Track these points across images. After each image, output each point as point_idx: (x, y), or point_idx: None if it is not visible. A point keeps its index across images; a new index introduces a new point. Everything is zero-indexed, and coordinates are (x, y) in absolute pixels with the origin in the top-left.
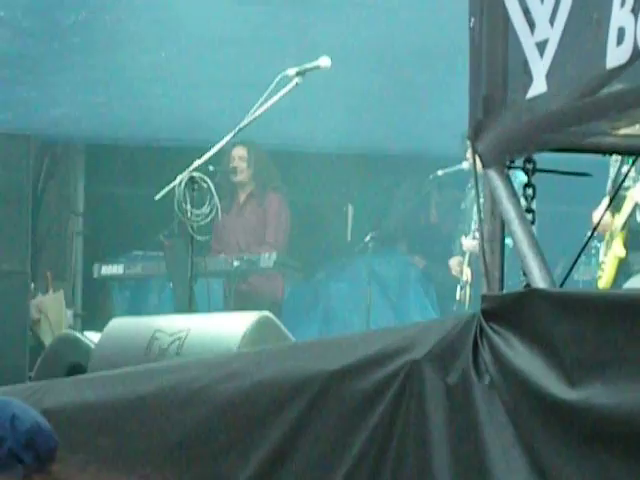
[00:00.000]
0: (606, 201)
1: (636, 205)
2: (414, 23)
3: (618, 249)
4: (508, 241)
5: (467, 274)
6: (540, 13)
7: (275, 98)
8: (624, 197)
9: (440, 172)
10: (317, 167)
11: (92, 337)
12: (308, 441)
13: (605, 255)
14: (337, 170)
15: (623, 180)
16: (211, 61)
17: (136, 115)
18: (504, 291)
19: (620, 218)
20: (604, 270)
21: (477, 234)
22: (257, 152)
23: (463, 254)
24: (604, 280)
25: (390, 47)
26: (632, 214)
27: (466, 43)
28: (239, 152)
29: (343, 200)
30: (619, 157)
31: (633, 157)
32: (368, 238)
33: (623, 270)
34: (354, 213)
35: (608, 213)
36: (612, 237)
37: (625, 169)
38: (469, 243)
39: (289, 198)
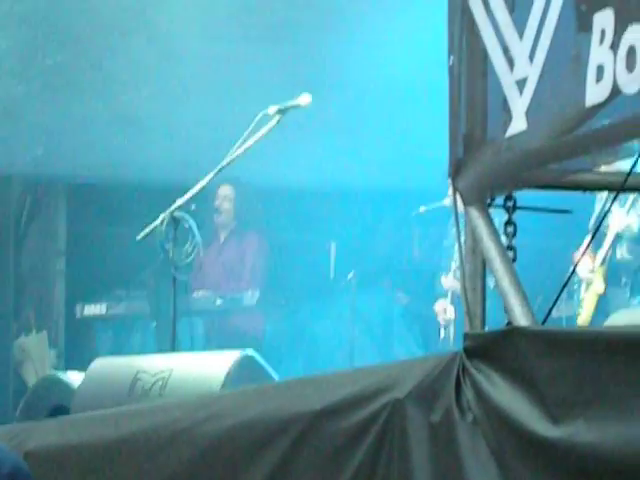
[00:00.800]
0: (588, 239)
1: (615, 239)
2: (395, 60)
3: (598, 285)
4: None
5: (450, 312)
6: (519, 51)
7: (257, 136)
8: (605, 234)
9: (422, 208)
10: (299, 204)
11: (75, 377)
12: None
13: (585, 292)
14: (319, 207)
15: (603, 217)
16: (191, 100)
17: (118, 154)
18: (486, 329)
19: (600, 253)
20: (583, 307)
21: (457, 272)
22: (243, 191)
23: (445, 294)
24: (583, 317)
25: (371, 83)
26: (611, 248)
27: (445, 81)
28: (225, 191)
29: (325, 237)
30: (604, 194)
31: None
32: (351, 275)
33: (602, 306)
34: (337, 250)
35: (589, 253)
36: (592, 277)
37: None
38: (449, 282)
39: (271, 235)
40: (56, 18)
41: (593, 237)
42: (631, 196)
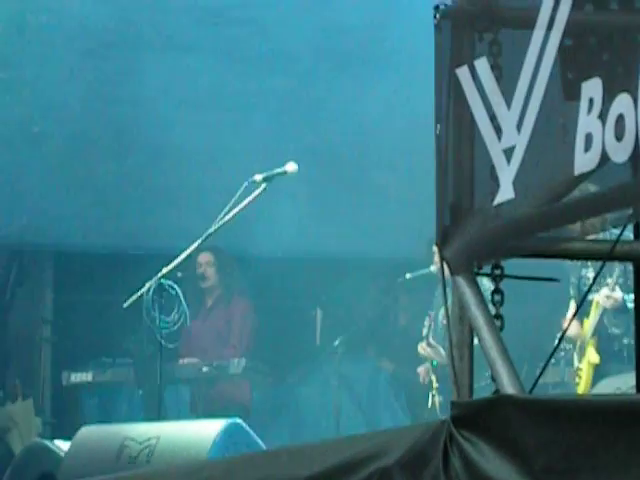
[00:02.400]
0: (573, 306)
1: (604, 311)
2: (380, 128)
3: (592, 356)
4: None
5: (434, 380)
6: (507, 119)
7: (243, 204)
8: (590, 301)
9: (408, 275)
10: (285, 271)
11: (62, 446)
12: None
13: (580, 362)
14: (305, 274)
15: (592, 284)
16: (177, 168)
17: (104, 223)
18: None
19: (589, 324)
20: (581, 377)
21: (431, 340)
22: (223, 257)
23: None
24: (582, 387)
25: (356, 152)
26: (600, 320)
27: (431, 146)
28: (205, 258)
29: (311, 304)
30: (578, 262)
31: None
32: (337, 342)
33: (599, 376)
34: (322, 317)
35: (575, 320)
36: (584, 343)
37: (585, 272)
38: (422, 350)
39: (257, 303)
40: (42, 86)
41: (580, 305)
42: (615, 271)
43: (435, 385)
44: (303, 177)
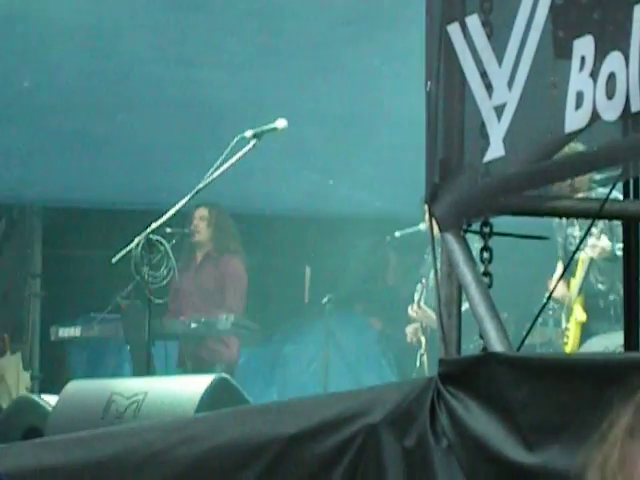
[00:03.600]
0: (560, 266)
1: (590, 266)
2: (374, 88)
3: (579, 314)
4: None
5: (420, 335)
6: (498, 77)
7: (232, 160)
8: (576, 260)
9: (397, 233)
10: (274, 229)
11: (49, 400)
12: None
13: (568, 322)
14: (294, 232)
15: (579, 245)
16: (167, 124)
17: (93, 178)
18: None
19: (575, 283)
20: (569, 337)
21: (422, 303)
22: (219, 214)
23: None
24: (570, 346)
25: (346, 108)
26: (586, 277)
27: (423, 107)
28: (200, 213)
29: (300, 262)
30: (563, 220)
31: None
32: (325, 300)
33: (586, 335)
34: (311, 275)
35: (563, 279)
36: (571, 303)
37: (571, 230)
38: (414, 312)
39: (246, 259)
40: (30, 40)
41: (568, 265)
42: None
43: (424, 345)
44: (293, 134)
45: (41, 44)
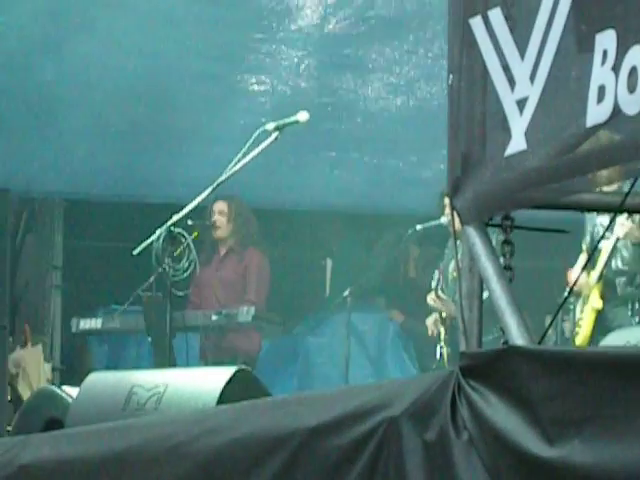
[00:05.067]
0: (583, 258)
1: (613, 251)
2: (397, 82)
3: (595, 301)
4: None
5: (442, 332)
6: (520, 70)
7: (254, 153)
8: (599, 251)
9: (419, 227)
10: (296, 222)
11: (70, 392)
12: None
13: (582, 312)
14: (316, 224)
15: (601, 238)
16: (189, 116)
17: (115, 170)
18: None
19: (595, 271)
20: (581, 326)
21: (439, 292)
22: (238, 207)
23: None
24: (582, 335)
25: (371, 105)
26: (607, 264)
27: (445, 98)
28: (219, 206)
29: (322, 254)
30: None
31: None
32: (347, 293)
33: (601, 326)
34: (333, 267)
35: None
36: (588, 292)
37: (601, 220)
38: (432, 300)
39: (267, 252)
40: (52, 29)
41: (590, 257)
42: None
43: (443, 337)
44: (314, 128)
45: (61, 33)
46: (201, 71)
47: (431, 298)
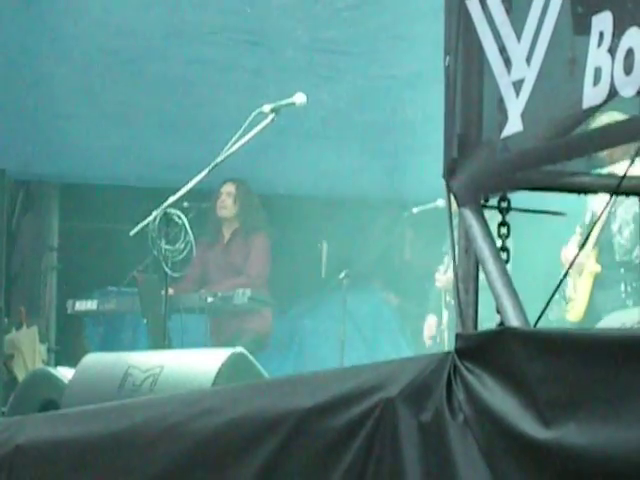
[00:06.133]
0: (576, 237)
1: (609, 216)
2: (390, 66)
3: (592, 266)
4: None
5: (445, 314)
6: (517, 52)
7: (250, 135)
8: (593, 226)
9: (415, 209)
10: (291, 205)
11: (66, 373)
12: (281, 479)
13: (574, 291)
14: (311, 207)
15: (598, 218)
16: (184, 98)
17: (110, 151)
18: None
19: (591, 238)
20: (573, 307)
21: (449, 270)
22: (245, 190)
23: (438, 312)
24: (576, 309)
25: (366, 89)
26: (602, 231)
27: (442, 78)
28: (227, 188)
29: (317, 237)
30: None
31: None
32: (342, 275)
33: (592, 310)
34: (328, 250)
35: (576, 251)
36: (580, 273)
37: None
38: (441, 277)
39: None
40: (49, 18)
41: (587, 238)
42: None
43: (434, 334)
44: (311, 113)
45: (58, 21)
46: (196, 54)
47: (438, 275)
